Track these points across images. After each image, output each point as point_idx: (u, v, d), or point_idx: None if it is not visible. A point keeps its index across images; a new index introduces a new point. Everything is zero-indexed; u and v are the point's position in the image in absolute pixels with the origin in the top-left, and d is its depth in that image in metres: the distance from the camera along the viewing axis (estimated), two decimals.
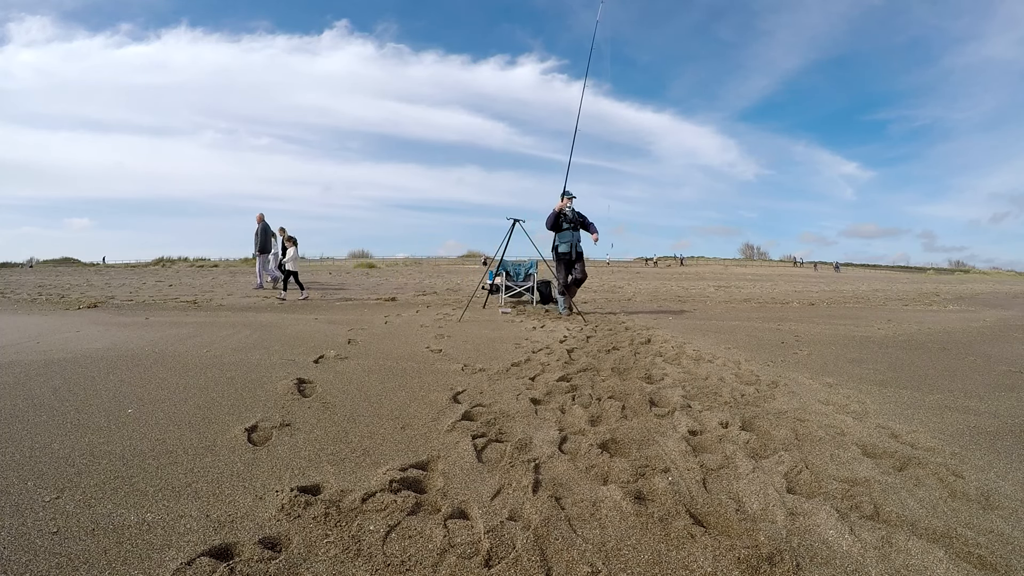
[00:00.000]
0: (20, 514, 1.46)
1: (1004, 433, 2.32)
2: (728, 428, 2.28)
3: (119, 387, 2.82)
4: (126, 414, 2.37)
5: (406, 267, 34.13)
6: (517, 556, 1.29)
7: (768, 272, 35.10)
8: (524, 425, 2.31)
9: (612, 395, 2.81)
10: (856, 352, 4.42)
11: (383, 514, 1.48)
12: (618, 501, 1.56)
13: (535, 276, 8.75)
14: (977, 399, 2.91)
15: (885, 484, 1.73)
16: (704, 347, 4.49)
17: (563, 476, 1.77)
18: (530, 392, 2.85)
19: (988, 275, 46.82)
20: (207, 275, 18.97)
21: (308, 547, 1.33)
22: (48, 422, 2.24)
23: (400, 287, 12.86)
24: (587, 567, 1.27)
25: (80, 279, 15.79)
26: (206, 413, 2.39)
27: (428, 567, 1.26)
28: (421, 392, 2.84)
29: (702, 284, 17.57)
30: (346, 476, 1.75)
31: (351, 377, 3.15)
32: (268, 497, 1.58)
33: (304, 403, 2.59)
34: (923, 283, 22.43)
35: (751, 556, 1.30)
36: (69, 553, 1.28)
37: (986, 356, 4.32)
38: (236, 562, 1.25)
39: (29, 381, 2.93)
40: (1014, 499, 1.66)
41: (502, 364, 3.59)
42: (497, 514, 1.50)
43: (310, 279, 14.54)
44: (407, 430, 2.24)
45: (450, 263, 42.66)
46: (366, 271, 25.99)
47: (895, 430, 2.33)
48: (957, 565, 1.27)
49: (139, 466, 1.80)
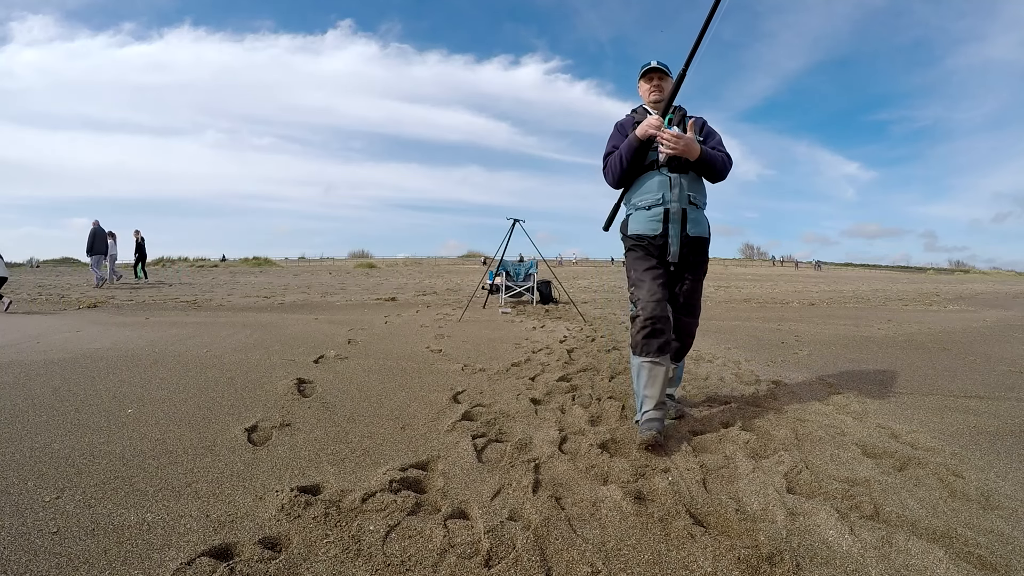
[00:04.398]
0: (20, 514, 1.46)
1: (1004, 433, 2.31)
2: (728, 428, 2.27)
3: (119, 387, 2.82)
4: (126, 414, 2.37)
5: (406, 267, 34.14)
6: (517, 556, 1.29)
7: (768, 272, 35.10)
8: (524, 425, 2.31)
9: (612, 395, 2.81)
10: (856, 352, 4.42)
11: (383, 514, 1.48)
12: (618, 501, 1.56)
13: (535, 276, 8.74)
14: (977, 399, 2.90)
15: (885, 484, 1.73)
16: (704, 347, 4.49)
17: (563, 476, 1.77)
18: (530, 392, 2.85)
19: (988, 275, 46.81)
20: (207, 275, 18.97)
21: (308, 547, 1.33)
22: (48, 422, 2.24)
23: (400, 287, 12.85)
24: (587, 567, 1.27)
25: (80, 279, 15.79)
26: (206, 413, 2.39)
27: (428, 567, 1.26)
28: (421, 392, 2.84)
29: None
30: (346, 476, 1.75)
31: (351, 377, 3.14)
32: (268, 497, 1.58)
33: (304, 403, 2.59)
34: (923, 283, 22.43)
35: (751, 556, 1.30)
36: (69, 553, 1.28)
37: (986, 356, 4.32)
38: (236, 562, 1.25)
39: (29, 381, 2.92)
40: (1014, 499, 1.66)
41: (502, 364, 3.59)
42: (497, 514, 1.50)
43: (309, 280, 14.52)
44: (407, 430, 2.24)
45: (450, 263, 42.67)
46: (366, 271, 25.99)
47: (895, 430, 2.32)
48: (957, 565, 1.27)
49: (139, 466, 1.80)
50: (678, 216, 2.15)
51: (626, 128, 2.29)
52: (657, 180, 2.17)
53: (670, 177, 2.15)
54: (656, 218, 2.16)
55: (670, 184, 2.15)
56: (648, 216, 2.18)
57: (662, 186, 2.16)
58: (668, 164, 2.16)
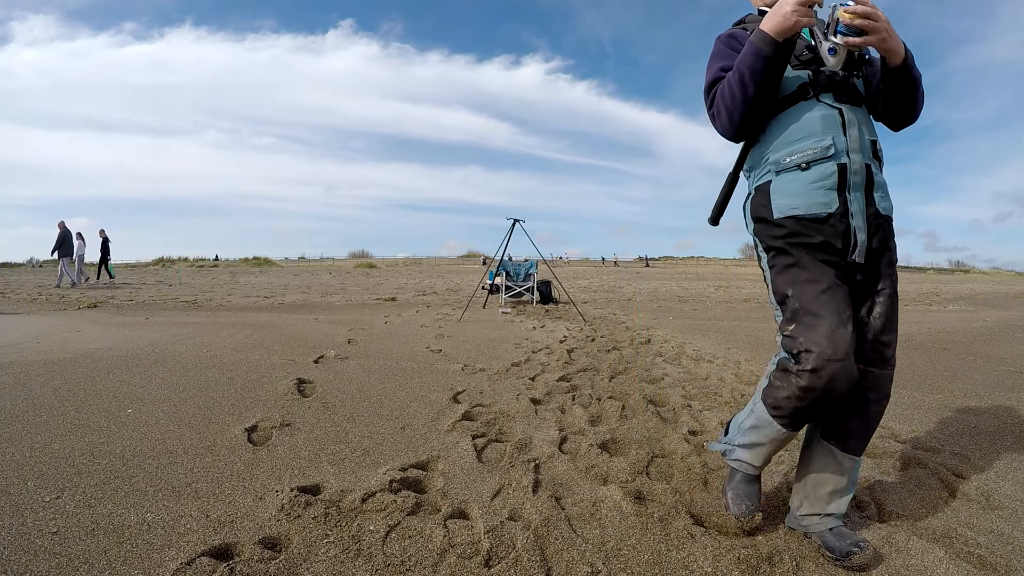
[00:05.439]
0: (20, 514, 1.46)
1: (1004, 433, 2.32)
2: None
3: (119, 387, 2.82)
4: (126, 414, 2.37)
5: (406, 267, 34.14)
6: (517, 556, 1.29)
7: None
8: (524, 425, 2.31)
9: (612, 395, 2.81)
10: None
11: (383, 514, 1.48)
12: (618, 501, 1.56)
13: (535, 276, 8.75)
14: (977, 399, 2.90)
15: (885, 484, 1.73)
16: (704, 347, 4.49)
17: (563, 476, 1.77)
18: (530, 392, 2.85)
19: (988, 275, 46.80)
20: (207, 275, 18.97)
21: (308, 547, 1.33)
22: (48, 422, 2.24)
23: (400, 287, 12.86)
24: (587, 567, 1.27)
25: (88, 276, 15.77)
26: (206, 413, 2.39)
27: (428, 567, 1.26)
28: (421, 392, 2.84)
29: (702, 284, 17.57)
30: (346, 476, 1.75)
31: (351, 377, 3.14)
32: (268, 497, 1.58)
33: (304, 403, 2.59)
34: (923, 283, 22.42)
35: (751, 556, 1.30)
36: (69, 553, 1.28)
37: (986, 356, 4.32)
38: (236, 562, 1.25)
39: (29, 381, 2.92)
40: (1014, 499, 1.66)
41: (502, 364, 3.59)
42: (497, 514, 1.50)
43: (309, 280, 14.53)
44: (407, 430, 2.24)
45: (450, 263, 42.69)
46: (366, 271, 25.99)
47: (895, 430, 2.32)
48: (957, 565, 1.27)
49: (139, 466, 1.80)
50: (861, 178, 1.25)
51: (738, 40, 1.39)
52: (820, 115, 1.26)
53: (839, 109, 1.27)
54: (827, 181, 1.24)
55: (842, 121, 1.26)
56: (811, 179, 1.25)
57: (829, 125, 1.26)
58: (831, 88, 1.28)
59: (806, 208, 1.26)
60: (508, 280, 8.69)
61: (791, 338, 1.25)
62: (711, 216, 1.50)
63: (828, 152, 1.24)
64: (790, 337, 1.25)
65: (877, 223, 1.29)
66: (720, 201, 1.48)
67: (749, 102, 1.27)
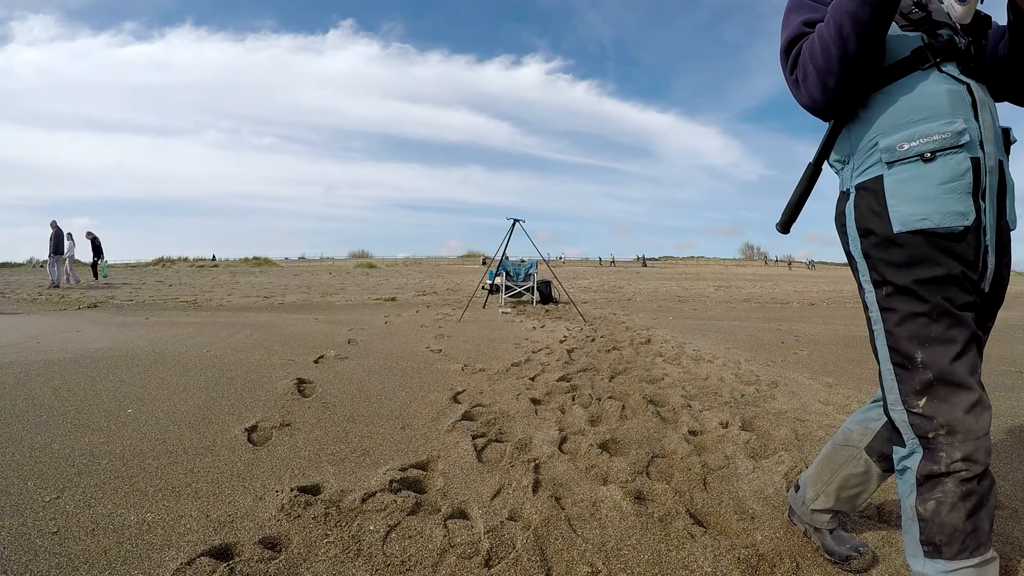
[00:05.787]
0: (20, 514, 1.45)
1: (1004, 433, 2.32)
2: (728, 428, 2.28)
3: (119, 387, 2.82)
4: (126, 414, 2.37)
5: (406, 267, 34.16)
6: (517, 556, 1.29)
7: (767, 272, 35.11)
8: (524, 425, 2.31)
9: (612, 395, 2.81)
10: (856, 352, 4.42)
11: (383, 514, 1.48)
12: (618, 501, 1.56)
13: (535, 276, 8.75)
14: None
15: (884, 484, 1.73)
16: (704, 347, 4.49)
17: (563, 476, 1.77)
18: (530, 392, 2.85)
19: None
20: (207, 275, 18.97)
21: (308, 547, 1.33)
22: (48, 422, 2.24)
23: (400, 287, 12.86)
24: (587, 567, 1.27)
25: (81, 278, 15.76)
26: (206, 413, 2.39)
27: (428, 567, 1.26)
28: (421, 392, 2.84)
29: (702, 284, 17.57)
30: (346, 476, 1.75)
31: (351, 377, 3.14)
32: (268, 497, 1.58)
33: (304, 403, 2.59)
34: None
35: (751, 556, 1.30)
36: (69, 553, 1.28)
37: (986, 356, 4.30)
38: (236, 562, 1.25)
39: (29, 381, 2.92)
40: (1014, 499, 1.66)
41: (502, 364, 3.59)
42: (497, 514, 1.50)
43: (309, 280, 14.53)
44: (407, 430, 2.24)
45: (450, 263, 42.69)
46: (366, 271, 26.00)
47: None
48: None
49: (139, 466, 1.80)
50: (995, 179, 0.98)
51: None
52: (945, 89, 0.97)
53: (968, 84, 0.98)
54: (961, 181, 0.94)
55: (972, 100, 0.97)
56: (942, 177, 0.94)
57: (958, 103, 0.96)
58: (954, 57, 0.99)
59: (939, 219, 0.93)
60: (508, 280, 8.69)
61: (926, 418, 0.97)
62: (781, 221, 1.17)
63: (961, 139, 0.93)
64: (923, 416, 0.97)
65: (1005, 241, 1.02)
66: (795, 202, 1.14)
67: (849, 62, 0.95)
